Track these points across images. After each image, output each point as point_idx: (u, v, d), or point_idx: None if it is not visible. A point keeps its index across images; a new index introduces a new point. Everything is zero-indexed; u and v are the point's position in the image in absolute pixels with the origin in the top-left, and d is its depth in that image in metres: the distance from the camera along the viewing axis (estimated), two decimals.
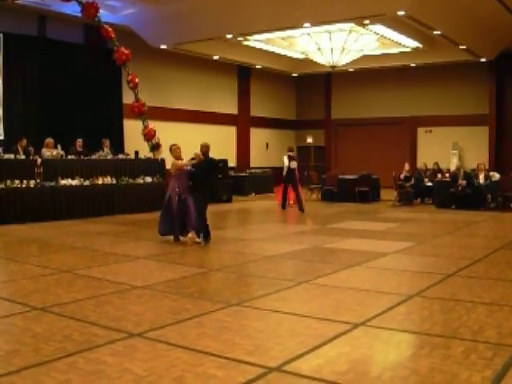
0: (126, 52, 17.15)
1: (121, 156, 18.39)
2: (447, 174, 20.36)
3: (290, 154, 18.16)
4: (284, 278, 7.92)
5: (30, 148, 15.95)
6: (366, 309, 6.33)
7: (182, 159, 11.58)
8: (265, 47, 24.82)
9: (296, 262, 9.35)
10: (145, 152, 18.48)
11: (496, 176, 18.99)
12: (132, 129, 20.41)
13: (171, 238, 11.49)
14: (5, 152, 15.55)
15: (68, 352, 4.87)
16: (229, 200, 21.04)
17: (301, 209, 17.41)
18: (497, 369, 4.48)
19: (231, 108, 28.50)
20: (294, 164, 17.91)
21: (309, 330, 5.58)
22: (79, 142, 17.57)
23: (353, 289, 7.31)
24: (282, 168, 18.15)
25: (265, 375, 4.41)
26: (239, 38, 22.33)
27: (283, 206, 18.20)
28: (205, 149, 11.30)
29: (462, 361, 4.66)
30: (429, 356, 4.78)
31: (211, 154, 11.54)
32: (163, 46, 22.06)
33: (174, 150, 11.55)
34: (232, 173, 24.26)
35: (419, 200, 20.64)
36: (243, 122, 28.94)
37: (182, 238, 11.41)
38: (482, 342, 5.12)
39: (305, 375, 4.42)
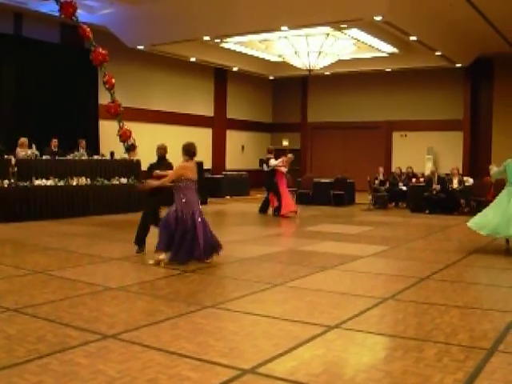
0: (103, 52, 17.09)
1: (96, 157, 18.30)
2: (421, 179, 20.49)
3: (270, 156, 17.82)
4: (259, 281, 7.92)
5: (2, 148, 15.82)
6: (341, 311, 6.36)
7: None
8: (242, 50, 24.85)
9: (271, 264, 9.36)
10: (120, 153, 18.40)
11: (470, 181, 19.20)
12: (108, 129, 20.32)
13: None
14: None
15: (41, 353, 4.84)
16: (204, 202, 20.98)
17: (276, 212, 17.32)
18: (469, 371, 4.53)
19: (207, 110, 28.49)
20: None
21: (283, 332, 5.59)
22: (54, 141, 17.46)
23: (328, 291, 7.34)
24: (259, 170, 17.83)
25: (239, 377, 4.41)
26: (216, 40, 22.33)
27: (277, 211, 17.29)
28: (162, 151, 10.54)
29: (435, 363, 4.70)
30: (402, 358, 4.82)
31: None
32: (140, 47, 22.00)
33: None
34: (207, 175, 24.20)
35: (393, 204, 20.76)
36: (219, 124, 28.94)
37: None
38: (455, 345, 5.17)
39: (279, 377, 4.43)
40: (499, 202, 10.91)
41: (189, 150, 9.33)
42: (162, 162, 10.33)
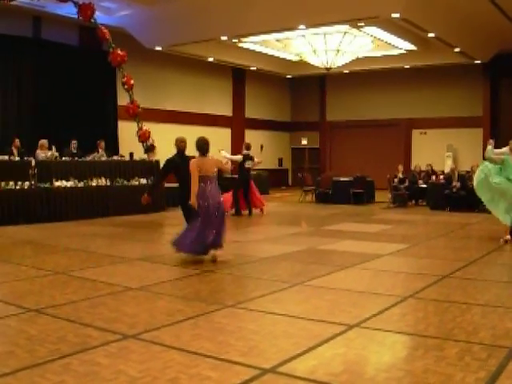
0: (122, 54, 17.20)
1: (115, 157, 18.38)
2: (441, 176, 20.38)
3: (247, 152, 17.32)
4: (279, 280, 7.91)
5: (22, 150, 15.96)
6: (361, 310, 6.33)
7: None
8: (259, 49, 24.85)
9: (291, 263, 9.34)
10: (139, 153, 18.48)
11: None
12: (127, 130, 20.41)
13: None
14: None
15: (62, 354, 4.86)
16: None
17: (250, 212, 17.06)
18: (491, 370, 4.48)
19: (226, 110, 28.53)
20: (249, 164, 17.25)
21: (303, 331, 5.58)
22: (74, 143, 17.55)
23: (347, 290, 7.32)
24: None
25: (259, 376, 4.40)
26: (234, 40, 22.36)
27: (238, 212, 17.02)
28: (183, 144, 10.52)
29: (457, 362, 4.65)
30: (423, 357, 4.78)
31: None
32: (158, 48, 22.06)
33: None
34: (227, 174, 24.13)
35: (413, 202, 20.67)
36: (238, 124, 28.96)
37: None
38: (477, 344, 5.12)
39: (299, 376, 4.41)
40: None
41: (201, 147, 9.23)
42: (185, 159, 10.11)
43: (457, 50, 22.25)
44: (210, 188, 9.10)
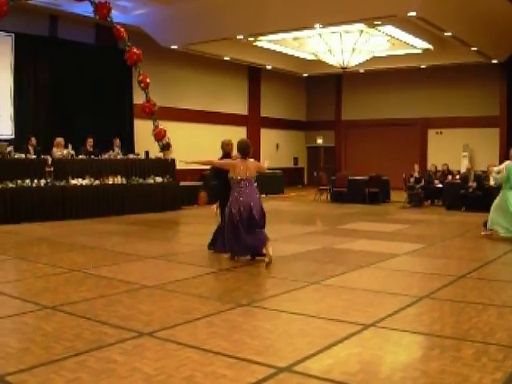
0: (138, 52, 17.23)
1: (131, 156, 18.43)
2: (457, 176, 20.29)
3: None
4: (295, 279, 7.91)
5: (39, 148, 16.04)
6: (377, 310, 6.32)
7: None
8: (275, 48, 24.81)
9: (306, 262, 9.34)
10: (155, 152, 18.52)
11: None
12: (142, 129, 20.45)
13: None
14: (15, 151, 15.64)
15: (78, 351, 4.88)
16: None
17: None
18: (508, 371, 4.45)
19: (241, 108, 28.54)
20: None
21: (319, 330, 5.57)
22: (90, 141, 17.60)
23: (363, 290, 7.30)
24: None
25: (275, 375, 4.41)
26: (250, 39, 22.34)
27: None
28: (230, 147, 10.09)
29: (473, 363, 4.63)
30: (439, 358, 4.76)
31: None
32: (174, 47, 22.09)
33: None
34: None
35: (429, 202, 20.57)
36: (253, 123, 28.96)
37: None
38: (493, 344, 5.09)
39: (315, 375, 4.41)
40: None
41: (244, 150, 9.16)
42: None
43: (473, 49, 22.10)
44: (248, 190, 9.00)
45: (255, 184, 9.18)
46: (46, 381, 4.26)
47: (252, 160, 9.30)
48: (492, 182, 13.77)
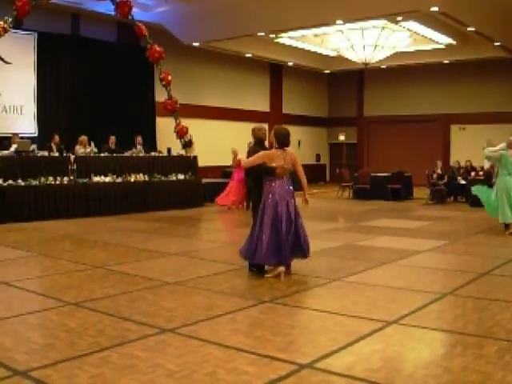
0: (159, 50, 17.28)
1: (153, 153, 18.50)
2: (481, 173, 20.11)
3: None
4: (317, 276, 7.90)
5: (62, 146, 16.15)
6: (399, 307, 6.29)
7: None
8: (297, 44, 24.80)
9: (329, 259, 9.32)
10: (177, 149, 18.58)
11: None
12: (164, 126, 20.52)
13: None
14: (39, 149, 15.78)
15: (101, 346, 4.92)
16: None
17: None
18: None
19: (263, 105, 28.53)
20: None
21: (341, 327, 5.56)
22: (112, 139, 17.70)
23: (385, 286, 7.27)
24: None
25: (297, 372, 4.40)
26: (271, 36, 22.33)
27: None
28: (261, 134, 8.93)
29: (496, 360, 4.59)
30: (462, 355, 4.73)
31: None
32: (195, 44, 22.13)
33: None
34: None
35: (452, 198, 20.44)
36: (275, 120, 28.84)
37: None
38: None
39: (337, 372, 4.40)
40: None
41: (282, 139, 8.16)
42: (265, 149, 8.58)
43: (497, 43, 21.91)
44: (285, 184, 8.12)
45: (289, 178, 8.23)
46: (69, 376, 4.29)
47: (292, 151, 8.38)
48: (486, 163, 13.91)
